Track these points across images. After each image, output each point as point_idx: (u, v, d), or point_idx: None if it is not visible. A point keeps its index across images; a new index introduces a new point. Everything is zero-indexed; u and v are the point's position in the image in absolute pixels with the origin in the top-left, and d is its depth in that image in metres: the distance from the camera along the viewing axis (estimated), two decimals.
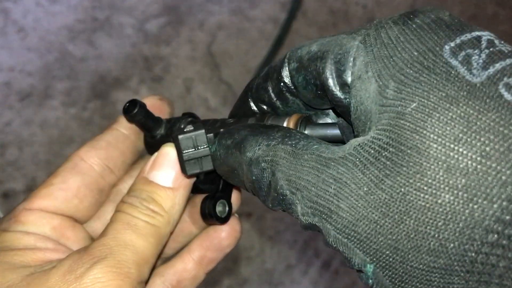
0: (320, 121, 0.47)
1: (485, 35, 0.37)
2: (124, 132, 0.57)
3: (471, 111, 0.31)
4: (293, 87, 0.44)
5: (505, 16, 1.89)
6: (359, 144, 0.35)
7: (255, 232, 1.46)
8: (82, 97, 1.62)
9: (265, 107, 0.48)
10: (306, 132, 0.45)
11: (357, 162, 0.35)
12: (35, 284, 0.44)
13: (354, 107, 0.37)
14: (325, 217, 0.36)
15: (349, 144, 0.36)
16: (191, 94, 1.66)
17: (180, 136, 0.47)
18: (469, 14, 1.88)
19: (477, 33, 0.37)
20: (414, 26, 0.37)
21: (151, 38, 1.73)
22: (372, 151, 0.34)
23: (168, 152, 0.50)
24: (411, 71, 0.35)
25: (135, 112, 0.53)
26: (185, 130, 0.47)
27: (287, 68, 0.43)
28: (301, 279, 1.41)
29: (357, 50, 0.38)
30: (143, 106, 0.54)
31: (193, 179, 0.52)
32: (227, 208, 0.55)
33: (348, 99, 0.39)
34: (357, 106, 0.37)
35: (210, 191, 0.54)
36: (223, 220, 0.56)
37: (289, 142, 0.40)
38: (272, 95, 0.46)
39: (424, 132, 0.32)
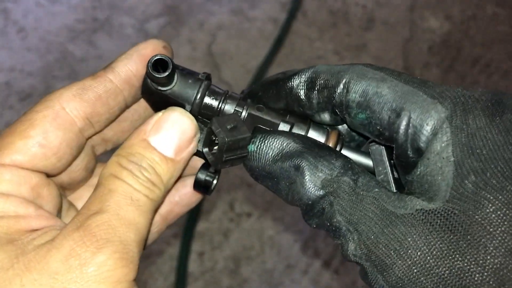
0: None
1: None
2: (118, 86, 0.50)
3: None
4: (344, 113, 0.45)
5: (505, 16, 1.89)
6: (424, 209, 0.39)
7: (255, 232, 1.46)
8: None
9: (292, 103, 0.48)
10: (343, 152, 0.47)
11: (423, 226, 0.38)
12: (35, 269, 0.40)
13: (421, 173, 0.40)
14: (378, 267, 0.40)
15: (409, 204, 0.40)
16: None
17: (227, 139, 0.44)
18: (469, 14, 1.88)
19: None
20: (502, 126, 0.39)
21: (151, 38, 1.72)
22: (439, 221, 0.38)
23: (178, 119, 0.47)
24: (494, 176, 0.37)
25: (166, 75, 0.46)
26: (228, 126, 0.45)
27: (344, 95, 0.44)
28: (301, 279, 1.41)
29: (442, 126, 0.40)
30: (174, 66, 0.47)
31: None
32: (215, 182, 0.53)
33: (415, 159, 0.41)
34: (425, 174, 0.40)
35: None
36: (211, 193, 0.54)
37: (351, 176, 0.42)
38: (314, 104, 0.47)
39: (491, 230, 0.36)
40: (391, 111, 0.42)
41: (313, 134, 0.48)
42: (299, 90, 0.47)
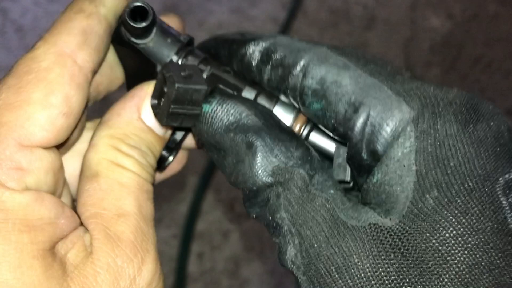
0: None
1: None
2: (112, 25, 0.43)
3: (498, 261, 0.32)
4: (299, 99, 0.40)
5: (507, 16, 1.88)
6: (377, 224, 0.34)
7: (255, 233, 1.45)
8: None
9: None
10: (310, 137, 0.41)
11: (372, 244, 0.33)
12: None
13: (378, 181, 0.35)
14: (315, 284, 0.35)
15: (363, 215, 0.35)
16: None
17: (178, 85, 0.37)
18: (470, 13, 1.88)
19: None
20: (475, 135, 0.34)
21: None
22: (391, 241, 0.33)
23: None
24: (459, 194, 0.33)
25: (144, 26, 0.40)
26: (182, 74, 0.38)
27: (299, 78, 0.39)
28: None
29: (405, 128, 0.35)
30: (154, 18, 0.41)
31: None
32: (170, 159, 0.47)
33: (369, 163, 0.36)
34: (382, 183, 0.35)
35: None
36: (162, 170, 0.48)
37: (308, 171, 0.37)
38: (264, 80, 0.41)
39: (448, 258, 0.32)
40: (348, 104, 0.36)
41: (278, 112, 0.41)
42: (251, 60, 0.41)
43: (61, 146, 0.42)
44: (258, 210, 0.38)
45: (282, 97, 0.41)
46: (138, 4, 0.41)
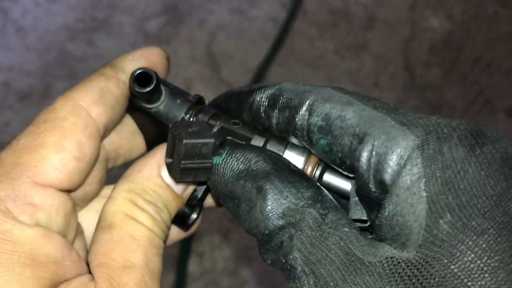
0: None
1: None
2: (126, 89, 0.46)
3: None
4: (306, 138, 0.40)
5: (507, 16, 1.88)
6: (394, 258, 0.33)
7: None
8: None
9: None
10: (324, 178, 0.42)
11: (391, 278, 0.33)
12: None
13: (390, 213, 0.34)
14: None
15: (380, 250, 0.34)
16: (191, 93, 1.66)
17: (186, 141, 0.39)
18: (470, 14, 1.88)
19: None
20: (482, 157, 0.34)
21: (151, 37, 1.72)
22: (409, 272, 0.32)
23: None
24: (473, 216, 0.32)
25: (148, 90, 0.43)
26: (190, 130, 0.40)
27: (306, 118, 0.39)
28: None
29: (411, 155, 0.34)
30: (158, 81, 0.43)
31: None
32: (194, 217, 0.49)
33: (378, 194, 0.36)
34: (394, 215, 0.34)
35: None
36: (188, 228, 0.50)
37: (320, 210, 0.36)
38: (272, 124, 0.42)
39: (469, 284, 0.31)
40: (353, 136, 0.37)
41: (289, 155, 0.42)
42: (259, 107, 0.42)
43: (74, 192, 0.44)
44: (272, 255, 0.38)
45: (293, 140, 0.42)
46: (141, 70, 0.43)
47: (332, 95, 0.39)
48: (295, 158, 0.42)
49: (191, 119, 0.45)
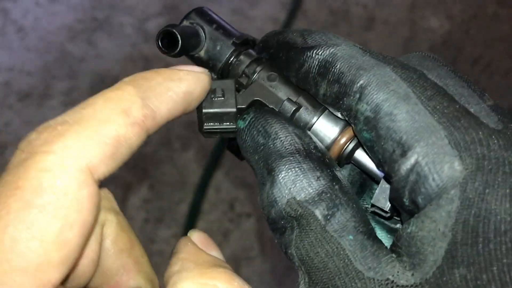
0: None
1: None
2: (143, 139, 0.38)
3: None
4: (350, 120, 0.36)
5: (506, 16, 1.88)
6: (394, 283, 0.31)
7: (255, 233, 1.45)
8: (82, 97, 1.60)
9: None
10: (355, 155, 0.39)
11: None
12: None
13: (412, 233, 0.32)
14: None
15: (383, 267, 0.32)
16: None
17: (205, 111, 0.39)
18: (469, 14, 1.88)
19: None
20: None
21: (151, 37, 1.72)
22: None
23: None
24: (491, 283, 0.29)
25: (175, 52, 0.42)
26: (212, 96, 0.39)
27: (355, 101, 0.35)
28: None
29: (451, 191, 0.31)
30: (184, 40, 0.41)
31: None
32: None
33: (410, 209, 0.33)
34: (415, 237, 0.32)
35: None
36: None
37: (325, 210, 0.34)
38: (319, 93, 0.38)
39: None
40: (398, 143, 0.32)
41: (322, 123, 0.39)
42: (308, 73, 0.37)
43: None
44: (278, 236, 0.36)
45: (339, 115, 0.38)
46: (166, 30, 0.41)
47: (389, 80, 0.34)
48: (328, 127, 0.39)
49: (234, 61, 0.43)
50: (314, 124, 0.40)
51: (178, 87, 0.36)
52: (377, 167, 0.36)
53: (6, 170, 0.30)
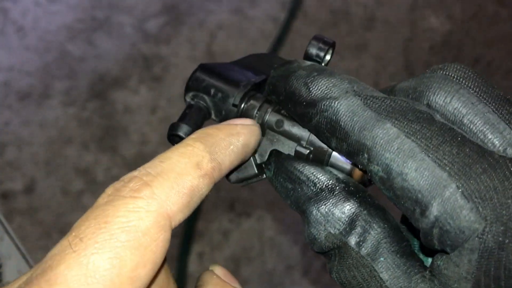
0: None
1: None
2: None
3: None
4: (366, 173, 0.38)
5: (507, 15, 1.88)
6: None
7: (255, 233, 1.45)
8: (81, 97, 1.62)
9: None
10: None
11: None
12: None
13: (440, 268, 0.34)
14: None
15: (413, 285, 0.35)
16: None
17: (232, 180, 0.43)
18: (470, 14, 1.88)
19: None
20: None
21: (151, 37, 1.72)
22: None
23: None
24: None
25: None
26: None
27: (366, 161, 0.36)
28: (301, 280, 1.40)
29: (471, 242, 0.32)
30: (193, 129, 0.43)
31: None
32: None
33: (439, 248, 0.35)
34: (442, 271, 0.34)
35: None
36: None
37: (356, 238, 0.36)
38: (334, 149, 0.39)
39: None
40: (416, 202, 0.33)
41: (338, 155, 0.41)
42: (318, 125, 0.38)
43: None
44: (327, 262, 0.40)
45: None
46: (170, 134, 0.43)
47: (392, 139, 0.34)
48: (340, 164, 0.40)
49: (244, 107, 0.44)
50: (330, 158, 0.41)
51: (238, 141, 0.40)
52: (403, 219, 0.39)
53: (93, 208, 0.34)
